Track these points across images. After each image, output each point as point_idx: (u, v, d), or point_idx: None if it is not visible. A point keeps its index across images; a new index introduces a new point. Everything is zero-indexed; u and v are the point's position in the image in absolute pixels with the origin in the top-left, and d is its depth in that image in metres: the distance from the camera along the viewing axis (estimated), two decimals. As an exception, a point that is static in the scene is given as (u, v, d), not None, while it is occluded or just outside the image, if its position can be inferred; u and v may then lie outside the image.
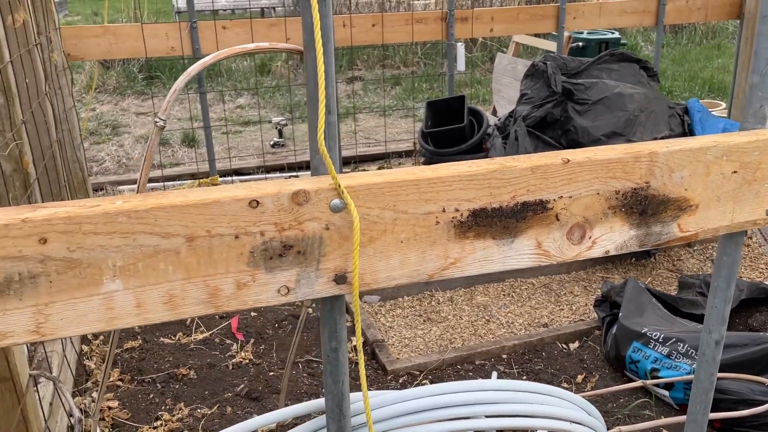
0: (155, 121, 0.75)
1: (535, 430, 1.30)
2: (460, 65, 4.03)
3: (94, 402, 2.18)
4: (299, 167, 4.76)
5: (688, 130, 3.58)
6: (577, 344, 2.53)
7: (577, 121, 3.37)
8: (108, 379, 2.31)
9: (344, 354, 0.95)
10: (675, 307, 2.40)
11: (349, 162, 4.93)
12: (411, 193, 0.85)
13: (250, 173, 4.78)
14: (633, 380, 2.16)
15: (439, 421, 1.07)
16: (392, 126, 6.19)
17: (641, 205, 0.97)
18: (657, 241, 1.00)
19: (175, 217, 0.76)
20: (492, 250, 0.91)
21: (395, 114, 6.66)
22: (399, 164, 4.80)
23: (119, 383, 2.30)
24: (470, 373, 2.35)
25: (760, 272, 3.23)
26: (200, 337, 2.58)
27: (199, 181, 3.97)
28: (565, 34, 4.41)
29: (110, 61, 7.58)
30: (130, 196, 0.77)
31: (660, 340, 2.09)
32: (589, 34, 6.70)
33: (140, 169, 0.83)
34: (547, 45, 5.39)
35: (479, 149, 3.80)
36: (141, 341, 2.54)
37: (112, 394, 2.24)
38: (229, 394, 2.23)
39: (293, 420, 1.52)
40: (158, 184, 4.36)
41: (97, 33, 3.46)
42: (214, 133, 4.91)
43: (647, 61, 3.84)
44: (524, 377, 2.31)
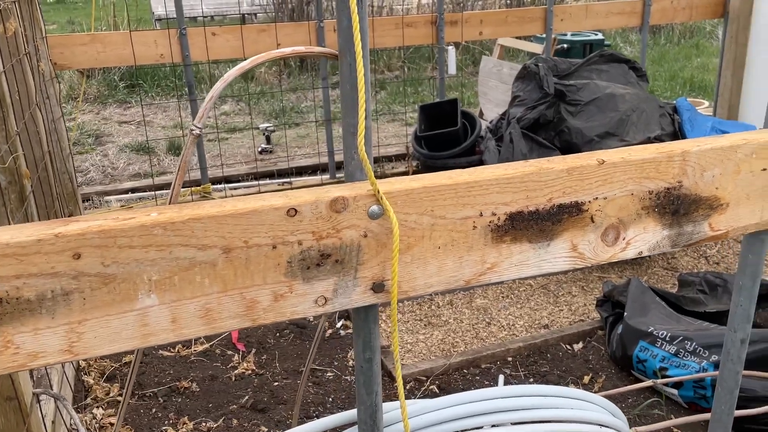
0: (191, 129, 0.73)
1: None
2: (452, 69, 4.03)
3: (95, 419, 2.13)
4: (290, 173, 4.72)
5: (678, 128, 3.61)
6: (581, 345, 2.53)
7: (570, 122, 3.38)
8: (109, 395, 2.26)
9: (378, 364, 0.92)
10: (677, 306, 2.41)
11: (339, 167, 4.91)
12: (449, 198, 0.83)
13: (240, 180, 4.73)
14: (641, 380, 2.16)
15: (472, 430, 1.05)
16: (380, 130, 6.18)
17: (674, 205, 0.96)
18: (689, 241, 0.99)
19: (211, 228, 0.74)
20: (528, 254, 0.90)
21: (382, 118, 6.65)
22: (392, 168, 4.79)
23: (119, 398, 2.24)
24: (477, 377, 2.33)
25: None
26: (200, 348, 2.53)
27: (191, 189, 3.92)
28: (551, 36, 4.44)
29: (91, 70, 7.47)
30: (165, 207, 0.75)
31: (667, 339, 2.09)
32: (573, 35, 6.76)
33: (173, 179, 0.80)
34: (532, 47, 5.42)
35: (473, 152, 3.80)
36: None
37: (113, 410, 2.19)
38: (234, 406, 2.19)
39: None
40: (148, 194, 4.29)
41: (84, 41, 3.40)
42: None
43: (635, 61, 3.87)
44: (531, 379, 2.30)
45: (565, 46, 6.51)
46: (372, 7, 10.06)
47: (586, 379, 2.27)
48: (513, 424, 1.14)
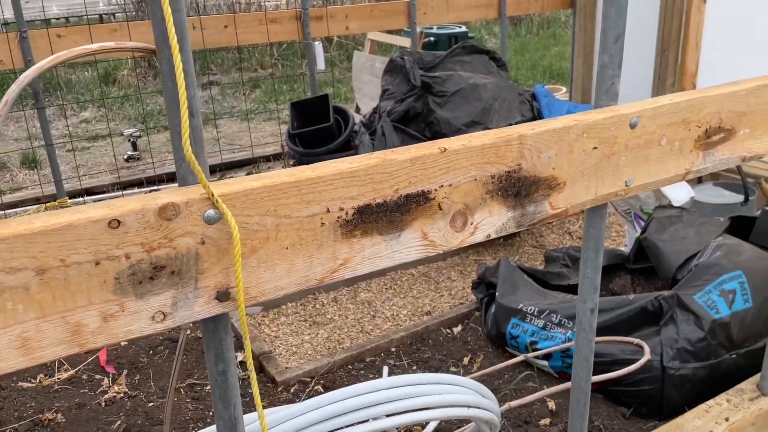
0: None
1: (438, 420, 1.30)
2: (320, 64, 4.00)
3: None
4: (160, 180, 4.48)
5: (537, 114, 3.82)
6: (460, 327, 2.61)
7: (438, 113, 3.47)
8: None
9: (233, 376, 0.88)
10: (544, 281, 2.55)
11: (214, 170, 4.73)
12: (292, 196, 0.80)
13: (104, 191, 4.42)
14: (514, 355, 2.27)
15: (341, 429, 1.03)
16: (256, 130, 6.03)
17: (515, 187, 0.99)
18: (532, 221, 1.04)
19: (19, 248, 0.66)
20: (380, 246, 0.89)
21: (258, 117, 6.50)
22: (268, 168, 4.69)
23: (-30, 443, 2.02)
24: (362, 372, 2.34)
25: (612, 240, 3.53)
26: (65, 375, 2.33)
27: (45, 205, 3.59)
28: (417, 29, 4.54)
29: None
30: (-41, 229, 0.66)
31: (535, 314, 2.21)
32: (439, 29, 6.97)
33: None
34: (401, 41, 5.52)
35: (348, 147, 3.80)
36: (-7, 391, 2.25)
37: (-37, 456, 1.96)
38: (106, 433, 2.04)
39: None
40: (-3, 213, 3.90)
41: None
42: (58, 152, 4.49)
43: (495, 51, 4.05)
44: (414, 367, 2.34)
45: (432, 39, 6.70)
46: (240, 4, 9.80)
47: (466, 360, 2.35)
48: (387, 416, 1.14)
